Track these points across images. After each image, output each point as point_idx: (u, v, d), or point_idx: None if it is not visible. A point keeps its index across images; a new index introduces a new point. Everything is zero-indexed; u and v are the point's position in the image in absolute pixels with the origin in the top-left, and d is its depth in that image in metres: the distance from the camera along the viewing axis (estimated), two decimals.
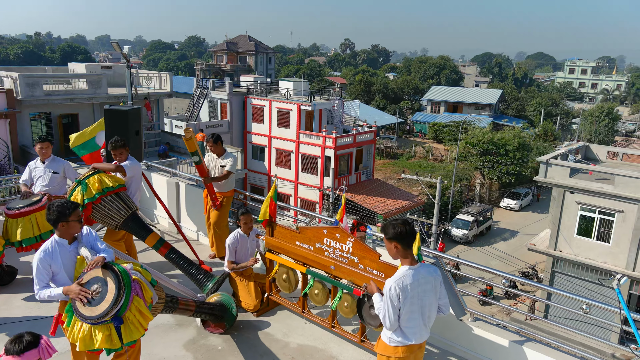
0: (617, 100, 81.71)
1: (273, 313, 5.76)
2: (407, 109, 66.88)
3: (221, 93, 36.80)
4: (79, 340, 3.70)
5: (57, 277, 3.96)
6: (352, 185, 34.18)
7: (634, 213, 20.76)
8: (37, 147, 6.26)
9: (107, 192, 5.78)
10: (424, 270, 3.48)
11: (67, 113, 22.97)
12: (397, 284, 3.39)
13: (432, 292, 3.51)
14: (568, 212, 22.62)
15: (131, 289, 3.69)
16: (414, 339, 3.50)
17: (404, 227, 3.38)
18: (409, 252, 3.45)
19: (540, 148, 44.48)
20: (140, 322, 3.76)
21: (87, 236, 4.09)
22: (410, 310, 3.44)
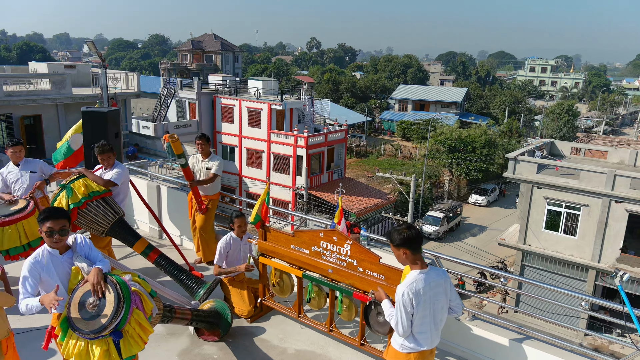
0: (576, 98, 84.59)
1: (267, 318, 5.65)
2: (375, 108, 67.42)
3: (189, 93, 36.17)
4: (75, 355, 3.50)
5: (50, 288, 3.71)
6: (324, 184, 34.17)
7: (598, 207, 21.52)
8: (10, 151, 5.96)
9: (94, 196, 5.56)
10: (434, 273, 3.45)
11: (29, 114, 22.09)
12: (409, 289, 3.34)
13: (443, 295, 3.49)
14: (536, 206, 23.25)
15: (131, 301, 3.52)
16: (426, 344, 3.47)
17: (409, 231, 3.33)
18: (418, 257, 3.41)
19: (506, 145, 45.58)
20: (140, 336, 3.59)
21: (82, 245, 3.86)
22: (423, 315, 3.40)
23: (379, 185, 40.15)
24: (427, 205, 36.39)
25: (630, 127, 72.52)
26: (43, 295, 3.53)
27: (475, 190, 41.53)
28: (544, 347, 4.55)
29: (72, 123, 23.91)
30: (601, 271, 22.09)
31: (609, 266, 21.66)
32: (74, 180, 5.55)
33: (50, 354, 4.78)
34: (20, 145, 6.00)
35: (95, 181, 5.65)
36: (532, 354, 4.56)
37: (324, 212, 30.23)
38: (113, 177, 5.82)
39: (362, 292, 4.68)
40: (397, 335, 3.48)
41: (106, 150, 5.84)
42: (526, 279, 5.17)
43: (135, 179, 8.15)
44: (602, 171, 21.11)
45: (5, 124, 21.59)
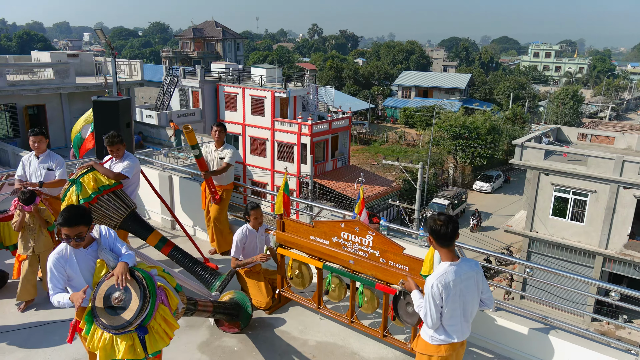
0: (580, 83, 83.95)
1: (285, 310, 5.58)
2: (378, 95, 67.00)
3: (192, 81, 35.94)
4: (100, 349, 3.45)
5: (74, 282, 3.68)
6: (329, 172, 34.08)
7: (606, 193, 21.39)
8: (30, 140, 5.84)
9: (104, 190, 5.45)
10: (465, 265, 3.36)
11: (33, 104, 21.96)
12: (439, 281, 3.26)
13: (475, 288, 3.40)
14: (543, 193, 23.13)
15: (156, 296, 3.45)
16: (456, 336, 3.39)
17: (444, 227, 3.23)
18: (448, 249, 3.32)
19: (510, 131, 45.31)
20: (166, 332, 3.53)
21: (106, 237, 3.79)
22: (453, 308, 3.32)
23: (382, 173, 40.03)
24: (432, 193, 36.30)
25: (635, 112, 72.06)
26: (72, 294, 3.48)
27: (479, 177, 41.39)
28: (569, 337, 4.48)
29: (77, 112, 23.82)
30: (608, 257, 22.04)
31: (616, 252, 21.60)
32: (83, 175, 5.38)
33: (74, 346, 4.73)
34: (39, 135, 5.80)
35: (106, 175, 5.50)
36: (557, 344, 4.49)
37: (329, 200, 30.16)
38: (124, 170, 5.68)
39: (385, 284, 4.61)
40: (427, 327, 3.41)
41: (116, 141, 5.69)
42: (549, 268, 5.08)
43: (147, 169, 8.06)
44: (610, 157, 20.95)
45: (10, 114, 21.48)
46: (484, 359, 4.79)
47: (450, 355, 3.42)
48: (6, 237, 5.58)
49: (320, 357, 4.75)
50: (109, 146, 5.66)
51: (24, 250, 5.44)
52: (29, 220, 5.44)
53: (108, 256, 3.67)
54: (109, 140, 5.63)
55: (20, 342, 4.85)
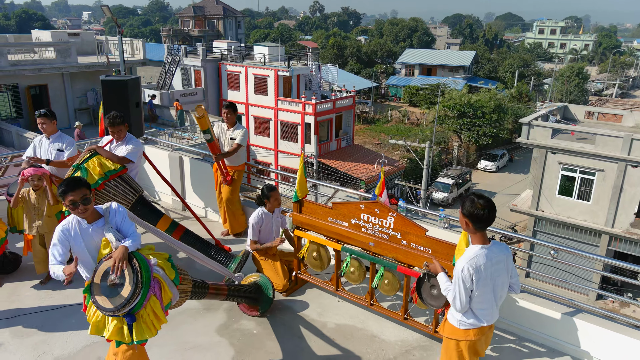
0: (586, 60, 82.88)
1: (302, 292, 5.52)
2: (381, 73, 66.31)
3: (194, 60, 35.54)
4: (92, 324, 3.52)
5: (81, 258, 3.66)
6: (333, 151, 33.91)
7: (614, 171, 21.23)
8: (37, 122, 5.71)
9: (110, 175, 5.27)
10: (496, 248, 3.26)
11: (35, 84, 21.73)
12: (469, 264, 3.16)
13: (505, 271, 3.31)
14: (550, 172, 22.97)
15: (149, 288, 3.40)
16: (485, 320, 3.31)
17: (482, 211, 3.11)
18: (481, 233, 3.22)
19: (515, 109, 44.90)
20: (154, 323, 3.50)
21: (115, 215, 3.72)
22: (483, 292, 3.23)
23: (386, 152, 39.84)
24: (437, 172, 36.15)
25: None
26: (66, 266, 3.49)
27: (484, 156, 41.17)
28: (594, 319, 4.42)
29: (79, 92, 23.57)
30: (614, 236, 22.00)
31: (622, 231, 21.55)
32: (87, 160, 5.17)
33: None
34: (44, 117, 5.66)
35: (110, 159, 5.27)
36: (581, 326, 4.43)
37: (334, 181, 30.05)
38: (129, 154, 5.49)
39: (407, 266, 4.53)
40: (455, 311, 3.33)
41: (117, 122, 5.48)
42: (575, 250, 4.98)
43: (156, 150, 7.95)
44: (618, 135, 20.73)
45: (12, 94, 21.28)
46: (505, 341, 4.74)
47: (479, 339, 3.35)
48: (20, 220, 5.50)
49: (340, 340, 4.70)
50: (110, 127, 5.47)
51: (29, 230, 5.37)
52: (35, 200, 5.35)
53: (112, 236, 3.59)
54: (110, 121, 5.45)
55: (38, 324, 4.81)
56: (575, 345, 4.47)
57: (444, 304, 3.89)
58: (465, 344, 3.34)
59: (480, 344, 3.40)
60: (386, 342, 4.68)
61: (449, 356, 3.40)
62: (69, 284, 3.49)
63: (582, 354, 4.45)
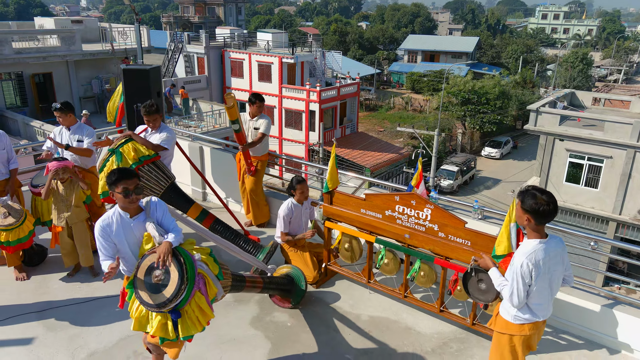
0: (589, 45, 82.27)
1: (332, 284, 5.49)
2: (383, 59, 65.81)
3: (197, 47, 35.23)
4: (135, 320, 3.50)
5: (123, 253, 3.63)
6: (338, 139, 33.74)
7: (622, 158, 21.14)
8: (55, 115, 5.63)
9: (144, 161, 5.27)
10: (553, 242, 3.20)
11: (39, 72, 21.56)
12: (529, 259, 3.10)
13: (561, 265, 3.25)
14: (557, 159, 22.89)
15: (194, 283, 3.36)
16: (541, 315, 3.26)
17: (547, 206, 3.03)
18: (541, 227, 3.15)
19: (520, 96, 44.64)
20: (199, 320, 3.45)
21: (155, 209, 3.67)
22: (541, 287, 3.17)
23: (389, 140, 39.68)
24: (441, 159, 36.03)
25: None
26: (111, 263, 3.46)
27: (488, 143, 41.03)
28: (632, 311, 4.38)
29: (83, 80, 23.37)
30: (622, 223, 21.99)
31: (630, 218, 21.53)
32: (122, 144, 5.21)
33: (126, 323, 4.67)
34: (58, 111, 5.54)
35: (145, 145, 5.30)
36: (620, 318, 4.40)
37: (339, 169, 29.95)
38: (163, 141, 5.48)
39: (444, 258, 4.48)
40: (509, 306, 3.27)
41: (153, 111, 5.46)
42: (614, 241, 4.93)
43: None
44: (627, 122, 20.61)
45: (17, 82, 21.11)
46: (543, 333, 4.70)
47: (533, 334, 3.30)
48: (44, 212, 5.44)
49: (376, 333, 4.67)
50: (146, 116, 5.43)
51: (57, 222, 5.31)
52: (63, 191, 5.29)
53: (155, 232, 3.54)
54: (147, 110, 5.40)
55: (69, 318, 4.77)
56: (612, 337, 4.44)
57: (493, 299, 3.84)
58: (519, 339, 3.29)
59: (534, 339, 3.36)
60: (422, 335, 4.65)
61: (501, 351, 3.36)
62: (108, 280, 3.42)
63: (620, 345, 4.42)
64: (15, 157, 5.56)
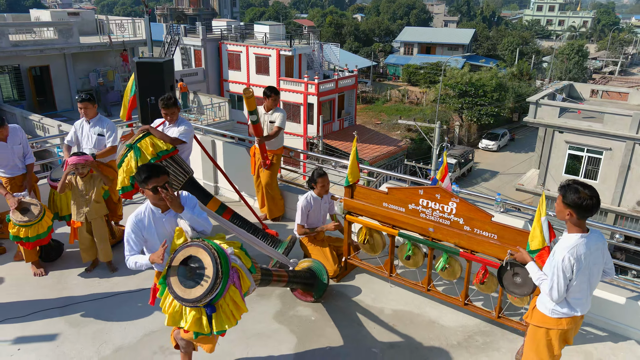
0: (584, 37, 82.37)
1: (352, 277, 5.48)
2: (379, 52, 65.62)
3: (194, 39, 34.98)
4: (169, 315, 3.47)
5: (153, 248, 3.63)
6: (336, 132, 33.74)
7: (621, 150, 21.24)
8: (78, 107, 5.57)
9: (162, 156, 5.23)
10: (594, 236, 3.20)
11: (36, 65, 21.34)
12: (570, 254, 3.09)
13: (601, 259, 3.25)
14: (557, 151, 22.96)
15: (228, 277, 3.33)
16: (580, 309, 3.26)
17: (590, 200, 3.02)
18: (582, 222, 3.14)
19: (516, 88, 44.69)
20: (233, 313, 3.44)
21: (186, 203, 3.65)
22: (581, 281, 3.17)
23: (386, 132, 39.65)
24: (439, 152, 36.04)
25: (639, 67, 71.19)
26: (152, 254, 3.46)
27: (485, 135, 41.11)
28: None
29: (81, 73, 23.17)
30: (620, 214, 22.15)
31: (629, 209, 21.68)
32: (140, 139, 5.15)
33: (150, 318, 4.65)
34: (86, 102, 5.54)
35: (163, 139, 5.25)
36: None
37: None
38: (181, 135, 5.45)
39: (469, 252, 4.48)
40: (547, 300, 3.27)
41: (171, 104, 5.44)
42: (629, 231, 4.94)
43: None
44: (627, 114, 20.69)
45: (14, 75, 20.89)
46: None
47: (570, 328, 3.30)
48: (63, 207, 5.39)
49: (400, 326, 4.67)
50: (164, 109, 5.39)
51: (77, 217, 5.27)
52: (82, 187, 5.24)
53: (187, 226, 3.54)
54: (165, 103, 5.36)
55: (92, 313, 4.74)
56: (638, 329, 4.46)
57: (529, 292, 3.84)
58: (556, 333, 3.30)
59: (571, 333, 3.37)
60: (446, 328, 4.66)
61: (537, 344, 3.36)
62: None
63: None
64: (31, 152, 5.50)
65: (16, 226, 5.05)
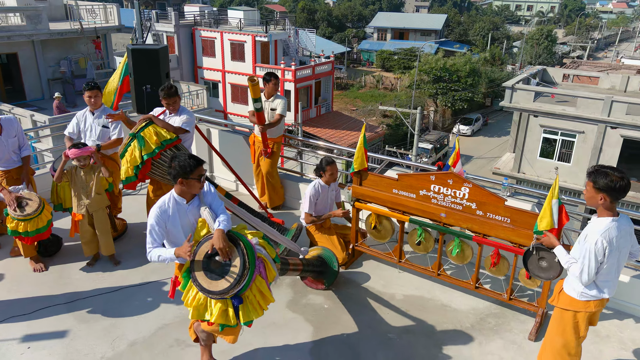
0: (552, 22, 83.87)
1: (359, 264, 5.50)
2: (352, 38, 65.43)
3: (166, 25, 34.10)
4: (193, 308, 3.42)
5: (175, 239, 3.57)
6: (313, 119, 33.61)
7: (594, 133, 21.85)
8: (86, 95, 5.37)
9: (166, 145, 5.11)
10: (624, 220, 3.27)
11: (4, 52, 20.47)
12: (603, 237, 3.15)
13: (629, 242, 3.33)
14: (531, 135, 23.44)
15: (255, 267, 3.30)
16: (607, 292, 3.34)
17: (622, 182, 3.08)
18: (614, 205, 3.21)
19: (489, 73, 45.30)
20: (260, 304, 3.43)
21: (206, 194, 3.63)
22: (610, 264, 3.24)
23: (363, 118, 39.72)
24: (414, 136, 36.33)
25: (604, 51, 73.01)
26: (177, 247, 3.38)
27: (459, 120, 41.63)
28: None
29: (51, 61, 22.35)
30: None
31: None
32: (143, 128, 5.04)
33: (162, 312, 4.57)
34: (95, 89, 5.35)
35: (166, 128, 5.15)
36: None
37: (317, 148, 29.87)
38: (184, 124, 5.33)
39: (482, 236, 4.54)
40: (577, 283, 3.34)
41: (172, 93, 5.32)
42: None
43: None
44: (599, 97, 21.25)
45: None
46: None
47: (598, 310, 3.39)
48: (67, 198, 5.21)
49: (414, 311, 4.72)
50: (165, 99, 5.25)
51: (78, 209, 5.11)
52: (83, 177, 5.08)
53: (210, 218, 3.48)
54: (167, 93, 5.23)
55: (100, 309, 4.63)
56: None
57: (555, 276, 3.91)
58: (584, 315, 3.37)
59: (597, 315, 3.46)
60: (459, 311, 4.73)
61: (563, 327, 3.43)
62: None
63: None
64: (27, 144, 5.29)
65: (15, 220, 4.87)
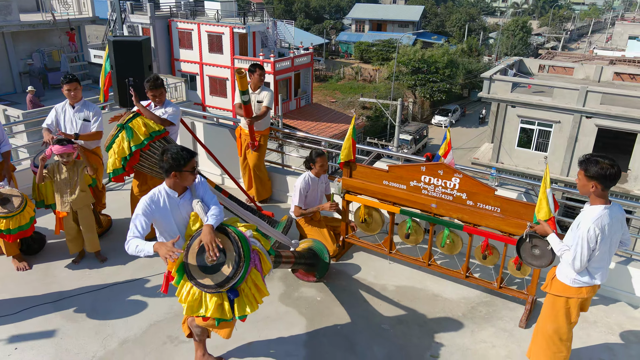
0: (527, 14, 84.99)
1: (350, 256, 5.50)
2: (330, 29, 65.21)
3: (141, 17, 33.45)
4: (187, 304, 3.35)
5: (167, 231, 3.49)
6: (293, 111, 33.47)
7: (570, 123, 22.26)
8: (65, 89, 5.21)
9: (155, 136, 5.04)
10: (616, 208, 3.33)
11: None
12: (595, 224, 3.21)
13: (620, 230, 3.39)
14: (509, 125, 23.78)
15: (250, 260, 3.27)
16: (599, 279, 3.41)
17: (612, 169, 3.13)
18: (606, 193, 3.26)
19: (466, 64, 45.70)
20: (255, 297, 3.41)
21: (199, 187, 3.57)
22: (602, 251, 3.31)
23: (342, 110, 39.71)
24: (394, 128, 36.53)
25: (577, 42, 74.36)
26: (159, 242, 3.20)
27: (438, 111, 41.97)
28: None
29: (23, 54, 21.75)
30: (569, 184, 23.31)
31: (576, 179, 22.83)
32: (131, 119, 4.98)
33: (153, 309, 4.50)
34: (74, 82, 5.20)
35: (153, 119, 5.10)
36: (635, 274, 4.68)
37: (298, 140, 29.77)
38: (170, 116, 5.28)
39: (472, 226, 4.58)
40: (569, 270, 3.40)
41: (158, 85, 5.24)
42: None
43: None
44: (574, 88, 21.64)
45: None
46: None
47: (590, 296, 3.46)
48: (49, 195, 5.07)
49: (406, 302, 4.75)
50: (152, 90, 5.16)
51: (61, 207, 4.99)
52: (66, 174, 4.95)
53: (202, 211, 3.43)
54: (153, 84, 5.14)
55: (88, 307, 4.53)
56: (629, 292, 4.73)
57: (547, 264, 3.97)
58: (576, 302, 3.44)
59: (589, 301, 3.53)
60: (450, 301, 4.78)
61: (555, 313, 3.50)
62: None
63: (636, 300, 4.72)
64: (7, 139, 5.12)
65: None
